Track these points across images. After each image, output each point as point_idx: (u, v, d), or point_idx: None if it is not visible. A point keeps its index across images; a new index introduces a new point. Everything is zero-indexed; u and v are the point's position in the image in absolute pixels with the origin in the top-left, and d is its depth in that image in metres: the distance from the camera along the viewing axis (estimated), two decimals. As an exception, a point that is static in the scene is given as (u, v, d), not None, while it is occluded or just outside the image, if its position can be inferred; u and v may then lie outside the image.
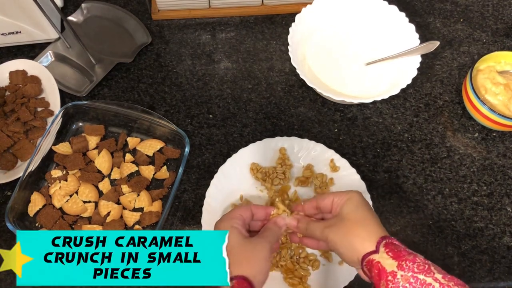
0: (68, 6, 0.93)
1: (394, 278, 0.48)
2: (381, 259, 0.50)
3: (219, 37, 0.90)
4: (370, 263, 0.51)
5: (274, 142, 0.76)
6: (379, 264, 0.50)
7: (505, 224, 0.72)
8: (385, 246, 0.51)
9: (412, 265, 0.49)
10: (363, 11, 0.86)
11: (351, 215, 0.55)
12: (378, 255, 0.51)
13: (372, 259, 0.51)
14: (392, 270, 0.49)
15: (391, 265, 0.49)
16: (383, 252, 0.51)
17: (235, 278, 0.51)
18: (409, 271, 0.48)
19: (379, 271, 0.50)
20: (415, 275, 0.48)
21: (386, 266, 0.50)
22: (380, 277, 0.50)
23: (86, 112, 0.78)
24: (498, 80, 0.77)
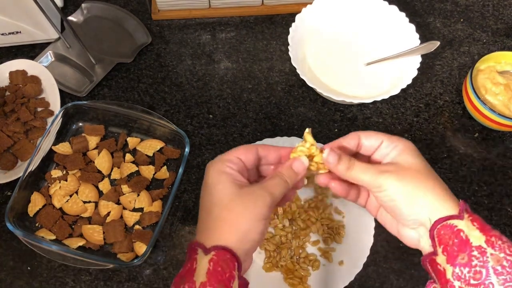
0: (68, 6, 0.93)
1: (483, 256, 0.39)
2: (466, 228, 0.40)
3: (219, 37, 0.90)
4: (447, 230, 0.41)
5: (274, 142, 0.76)
6: (462, 233, 0.40)
7: (505, 224, 0.72)
8: (468, 212, 0.42)
9: (503, 245, 0.40)
10: (363, 11, 0.86)
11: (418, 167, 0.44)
12: (462, 221, 0.41)
13: (453, 225, 0.41)
14: (480, 245, 0.39)
15: (478, 238, 0.40)
16: (467, 220, 0.41)
17: (213, 249, 0.40)
18: (501, 251, 0.39)
19: (460, 241, 0.40)
20: (509, 258, 0.39)
21: (471, 237, 0.40)
22: (461, 249, 0.40)
23: (86, 112, 0.78)
24: (498, 80, 0.77)
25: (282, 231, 0.69)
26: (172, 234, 0.72)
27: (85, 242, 0.69)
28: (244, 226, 0.41)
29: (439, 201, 0.42)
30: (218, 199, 0.42)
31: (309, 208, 0.72)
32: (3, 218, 0.68)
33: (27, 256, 0.70)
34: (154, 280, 0.69)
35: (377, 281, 0.68)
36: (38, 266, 0.70)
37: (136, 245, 0.69)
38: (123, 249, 0.68)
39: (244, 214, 0.41)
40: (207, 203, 0.43)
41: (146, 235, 0.69)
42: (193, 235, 0.71)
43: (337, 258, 0.68)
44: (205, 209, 0.43)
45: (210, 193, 0.43)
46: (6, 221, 0.66)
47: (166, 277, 0.69)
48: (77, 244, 0.69)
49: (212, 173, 0.44)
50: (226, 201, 0.42)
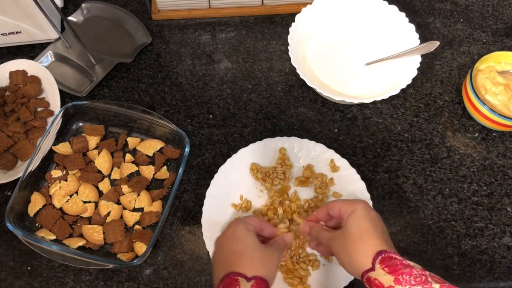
0: (68, 6, 0.93)
1: None
2: (378, 276, 0.51)
3: (219, 37, 0.90)
4: (368, 281, 0.52)
5: (274, 142, 0.76)
6: (376, 281, 0.51)
7: (505, 224, 0.72)
8: (381, 262, 0.52)
9: (409, 278, 0.49)
10: (363, 11, 0.86)
11: (352, 229, 0.56)
12: (374, 272, 0.51)
13: (370, 276, 0.52)
14: (390, 285, 0.49)
15: (388, 280, 0.50)
16: (379, 269, 0.51)
17: (253, 278, 0.52)
18: (406, 284, 0.49)
19: (377, 287, 0.51)
20: (413, 287, 0.48)
21: (383, 282, 0.50)
22: None
23: (86, 112, 0.78)
24: (498, 80, 0.77)
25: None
26: (172, 234, 0.72)
27: (85, 242, 0.69)
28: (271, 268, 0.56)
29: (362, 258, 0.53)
30: (250, 245, 0.56)
31: (309, 208, 0.72)
32: (3, 218, 0.68)
33: (27, 256, 0.70)
34: (154, 280, 0.69)
35: (377, 281, 0.68)
36: (38, 266, 0.70)
37: (136, 245, 0.69)
38: (123, 249, 0.68)
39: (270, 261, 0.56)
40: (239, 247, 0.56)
41: (146, 235, 0.69)
42: (193, 235, 0.72)
43: (337, 258, 0.68)
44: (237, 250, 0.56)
45: (243, 241, 0.56)
46: (6, 221, 0.66)
47: (166, 277, 0.69)
48: (77, 244, 0.69)
49: (241, 228, 0.58)
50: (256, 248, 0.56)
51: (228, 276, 0.53)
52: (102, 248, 0.70)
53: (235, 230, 0.58)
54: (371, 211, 0.58)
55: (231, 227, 0.59)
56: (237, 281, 0.52)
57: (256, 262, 0.54)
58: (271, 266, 0.55)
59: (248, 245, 0.56)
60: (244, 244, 0.56)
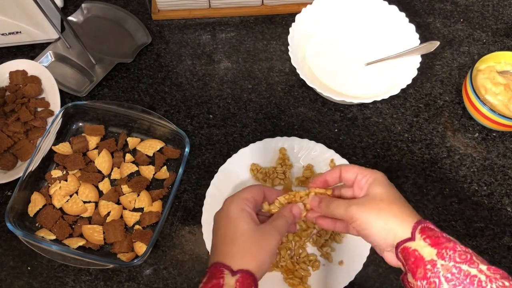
0: (68, 6, 0.93)
1: (434, 268, 0.45)
2: (418, 247, 0.46)
3: (219, 37, 0.90)
4: (405, 251, 0.47)
5: (274, 142, 0.76)
6: (416, 253, 0.46)
7: (505, 224, 0.72)
8: (421, 231, 0.47)
9: (453, 254, 0.45)
10: (363, 11, 0.86)
11: (383, 195, 0.50)
12: (414, 242, 0.47)
13: (408, 247, 0.47)
14: (432, 259, 0.45)
15: (430, 253, 0.45)
16: (419, 239, 0.47)
17: (239, 272, 0.47)
18: (450, 261, 0.44)
19: (416, 259, 0.46)
20: (458, 265, 0.44)
21: (424, 254, 0.46)
22: (417, 265, 0.46)
23: (86, 112, 0.78)
24: (498, 80, 0.77)
25: None
26: (172, 234, 0.72)
27: (85, 242, 0.69)
28: (262, 258, 0.50)
29: (399, 225, 0.48)
30: (241, 232, 0.50)
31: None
32: (3, 218, 0.68)
33: (27, 256, 0.70)
34: (154, 280, 0.69)
35: (377, 281, 0.68)
36: (38, 266, 0.70)
37: (136, 245, 0.69)
38: (123, 249, 0.68)
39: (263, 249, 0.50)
40: (230, 233, 0.51)
41: (146, 235, 0.69)
42: (193, 235, 0.72)
43: (337, 258, 0.68)
44: (228, 237, 0.51)
45: (234, 225, 0.51)
46: (6, 221, 0.66)
47: (166, 277, 0.69)
48: (77, 244, 0.69)
49: (233, 209, 0.52)
50: (248, 234, 0.50)
51: (214, 265, 0.49)
52: (102, 248, 0.70)
53: (228, 209, 0.52)
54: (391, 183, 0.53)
55: (225, 206, 0.53)
56: (222, 273, 0.47)
57: (246, 253, 0.49)
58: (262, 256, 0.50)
59: (240, 231, 0.50)
60: (235, 229, 0.50)
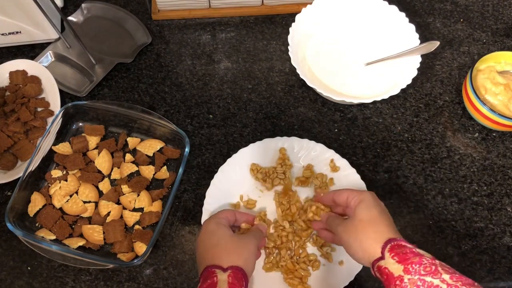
0: (68, 6, 0.93)
1: (402, 283, 0.49)
2: (388, 265, 0.51)
3: (219, 37, 0.90)
4: (379, 269, 0.52)
5: (274, 142, 0.76)
6: (386, 270, 0.51)
7: (505, 224, 0.72)
8: (390, 250, 0.52)
9: (419, 268, 0.49)
10: (363, 11, 0.86)
11: (362, 216, 0.57)
12: (384, 261, 0.52)
13: (381, 265, 0.52)
14: (399, 275, 0.49)
15: (398, 269, 0.50)
16: (388, 257, 0.51)
17: (230, 268, 0.54)
18: (415, 274, 0.48)
19: (387, 276, 0.51)
20: (422, 277, 0.48)
21: (393, 271, 0.50)
22: (389, 282, 0.50)
23: (86, 112, 0.78)
24: (498, 80, 0.77)
25: (283, 231, 0.69)
26: (172, 234, 0.72)
27: (85, 242, 0.69)
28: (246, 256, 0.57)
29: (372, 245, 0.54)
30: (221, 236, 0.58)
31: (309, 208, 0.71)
32: (3, 218, 0.68)
33: (27, 256, 0.70)
34: (154, 280, 0.69)
35: (377, 281, 0.68)
36: (38, 266, 0.70)
37: (136, 245, 0.69)
38: (123, 249, 0.68)
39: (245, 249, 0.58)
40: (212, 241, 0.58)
41: (146, 235, 0.69)
42: (193, 235, 0.72)
43: (337, 258, 0.68)
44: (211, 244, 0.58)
45: (214, 234, 0.58)
46: (6, 221, 0.66)
47: (166, 277, 0.69)
48: (77, 244, 0.69)
49: (212, 224, 0.60)
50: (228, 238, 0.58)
51: (206, 269, 0.55)
52: (102, 248, 0.70)
53: (207, 226, 0.60)
54: (378, 201, 0.59)
55: (204, 225, 0.61)
56: (214, 272, 0.54)
57: (230, 252, 0.56)
58: (246, 254, 0.57)
59: (221, 237, 0.58)
60: (217, 237, 0.58)
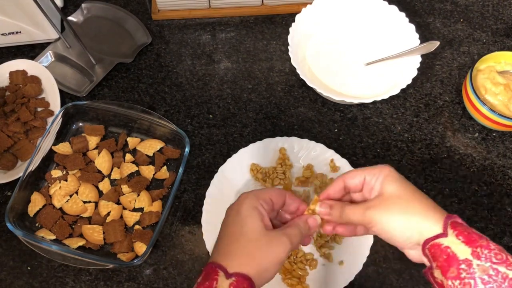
0: (68, 6, 0.93)
1: (469, 268, 0.42)
2: (452, 244, 0.43)
3: (219, 37, 0.90)
4: (436, 248, 0.44)
5: (274, 142, 0.76)
6: (448, 250, 0.43)
7: (505, 224, 0.72)
8: (453, 227, 0.44)
9: (489, 254, 0.42)
10: (363, 11, 0.86)
11: (399, 191, 0.47)
12: (447, 239, 0.44)
13: (439, 243, 0.44)
14: (466, 258, 0.42)
15: (464, 251, 0.43)
16: (452, 235, 0.44)
17: (235, 275, 0.44)
18: (487, 261, 0.42)
19: (448, 257, 0.43)
20: (495, 266, 0.41)
21: (457, 252, 0.43)
22: (450, 264, 0.43)
23: (86, 112, 0.78)
24: (498, 80, 0.77)
25: None
26: (172, 234, 0.72)
27: (85, 242, 0.69)
28: (265, 265, 0.46)
29: (424, 221, 0.45)
30: (246, 231, 0.47)
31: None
32: (3, 218, 0.68)
33: (27, 256, 0.70)
34: (154, 280, 0.69)
35: (377, 281, 0.68)
36: (38, 266, 0.70)
37: (136, 245, 0.69)
38: (123, 249, 0.68)
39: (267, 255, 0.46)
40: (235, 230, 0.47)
41: (146, 235, 0.69)
42: (193, 235, 0.72)
43: (337, 258, 0.68)
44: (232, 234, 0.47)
45: (242, 223, 0.47)
46: (6, 221, 0.66)
47: (166, 277, 0.69)
48: (77, 244, 0.69)
49: (246, 205, 0.48)
50: (254, 236, 0.46)
51: (210, 265, 0.46)
52: (102, 248, 0.70)
53: (241, 205, 0.48)
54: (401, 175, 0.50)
55: (240, 199, 0.49)
56: (216, 274, 0.44)
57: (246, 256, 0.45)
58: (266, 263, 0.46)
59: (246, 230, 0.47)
60: (242, 228, 0.47)
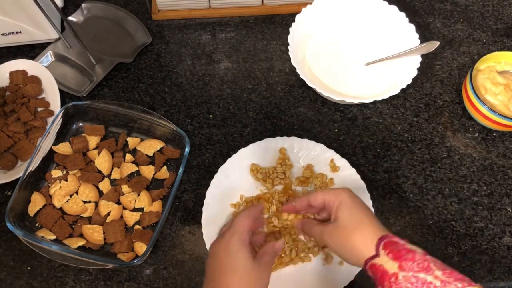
0: (68, 6, 0.93)
1: (396, 280, 0.49)
2: (383, 262, 0.51)
3: (219, 37, 0.90)
4: (373, 267, 0.52)
5: (274, 142, 0.76)
6: (381, 267, 0.51)
7: (505, 224, 0.72)
8: (385, 247, 0.52)
9: (412, 264, 0.49)
10: (363, 11, 0.86)
11: (346, 221, 0.56)
12: (379, 258, 0.51)
13: (374, 263, 0.52)
14: (394, 272, 0.50)
15: (393, 266, 0.50)
16: (383, 254, 0.51)
17: None
18: (409, 271, 0.49)
19: (382, 273, 0.51)
20: (416, 274, 0.48)
21: (388, 268, 0.50)
22: (383, 279, 0.50)
23: (86, 112, 0.78)
24: (498, 80, 0.77)
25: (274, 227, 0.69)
26: (172, 234, 0.72)
27: (85, 242, 0.69)
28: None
29: (364, 246, 0.53)
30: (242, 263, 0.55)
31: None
32: (3, 218, 0.68)
33: (27, 256, 0.70)
34: (154, 280, 0.69)
35: (377, 281, 0.68)
36: (38, 266, 0.70)
37: (136, 245, 0.69)
38: (123, 249, 0.68)
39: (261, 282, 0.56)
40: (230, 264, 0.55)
41: (146, 235, 0.69)
42: (193, 235, 0.72)
43: (337, 258, 0.68)
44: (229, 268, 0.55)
45: (235, 257, 0.55)
46: (6, 221, 0.66)
47: (166, 277, 0.69)
48: (77, 244, 0.69)
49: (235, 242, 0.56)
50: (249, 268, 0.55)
51: None
52: (102, 248, 0.70)
53: (229, 242, 0.56)
54: (356, 198, 0.58)
55: (225, 237, 0.57)
56: None
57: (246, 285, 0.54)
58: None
59: (240, 264, 0.55)
60: (236, 262, 0.55)
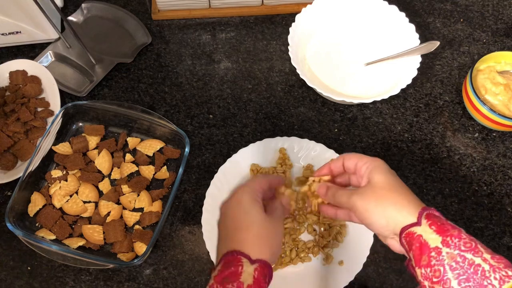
0: (68, 6, 0.93)
1: (439, 255, 0.44)
2: (424, 233, 0.46)
3: (219, 37, 0.90)
4: (410, 236, 0.47)
5: (274, 142, 0.76)
6: (421, 238, 0.46)
7: (505, 224, 0.72)
8: (427, 217, 0.47)
9: (458, 242, 0.44)
10: (363, 11, 0.86)
11: (383, 182, 0.51)
12: (420, 227, 0.46)
13: (413, 232, 0.47)
14: (436, 246, 0.45)
15: (435, 240, 0.45)
16: (425, 225, 0.46)
17: (258, 262, 0.48)
18: (455, 249, 0.44)
19: (420, 245, 0.46)
20: (462, 253, 0.44)
21: (429, 240, 0.45)
22: (422, 252, 0.46)
23: (86, 112, 0.78)
24: (498, 80, 0.77)
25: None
26: (172, 234, 0.72)
27: (85, 242, 0.69)
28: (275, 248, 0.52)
29: (401, 211, 0.48)
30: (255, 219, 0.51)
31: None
32: (3, 218, 0.68)
33: (27, 256, 0.70)
34: (154, 280, 0.69)
35: (377, 281, 0.68)
36: (38, 266, 0.70)
37: (136, 245, 0.69)
38: (123, 249, 0.68)
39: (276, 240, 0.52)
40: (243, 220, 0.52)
41: (146, 235, 0.69)
42: (193, 235, 0.72)
43: (337, 258, 0.68)
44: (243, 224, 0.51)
45: (247, 213, 0.52)
46: (6, 221, 0.66)
47: (166, 277, 0.69)
48: (77, 244, 0.69)
49: (246, 198, 0.53)
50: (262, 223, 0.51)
51: (231, 253, 0.49)
52: (102, 248, 0.70)
53: (241, 199, 0.53)
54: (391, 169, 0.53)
55: (237, 194, 0.53)
56: (240, 261, 0.48)
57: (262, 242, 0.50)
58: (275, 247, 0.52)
59: (255, 219, 0.51)
60: (249, 217, 0.51)
